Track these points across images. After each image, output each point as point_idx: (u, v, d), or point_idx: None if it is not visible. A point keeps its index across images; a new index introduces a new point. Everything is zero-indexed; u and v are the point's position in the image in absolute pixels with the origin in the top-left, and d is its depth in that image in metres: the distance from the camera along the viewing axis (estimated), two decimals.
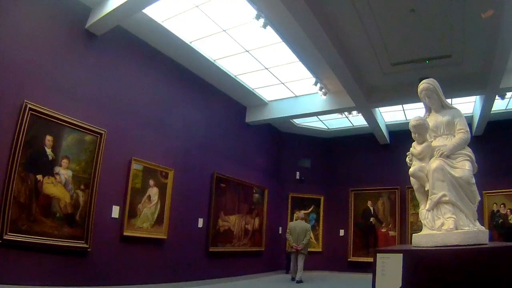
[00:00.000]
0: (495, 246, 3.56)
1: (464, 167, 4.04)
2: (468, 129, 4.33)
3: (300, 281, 9.44)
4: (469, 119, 11.23)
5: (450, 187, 3.88)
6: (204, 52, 8.34)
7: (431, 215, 3.98)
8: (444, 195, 3.86)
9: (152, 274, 7.27)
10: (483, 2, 6.39)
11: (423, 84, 4.44)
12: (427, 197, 4.08)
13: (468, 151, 4.25)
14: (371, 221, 12.25)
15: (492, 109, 10.04)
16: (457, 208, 3.90)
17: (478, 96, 10.07)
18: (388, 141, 12.36)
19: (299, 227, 9.94)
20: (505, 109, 10.86)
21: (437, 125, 4.40)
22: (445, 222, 3.84)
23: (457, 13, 6.74)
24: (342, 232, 12.48)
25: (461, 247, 3.51)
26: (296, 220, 10.40)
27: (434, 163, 3.94)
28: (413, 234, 4.22)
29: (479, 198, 4.18)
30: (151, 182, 7.41)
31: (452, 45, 7.69)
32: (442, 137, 4.35)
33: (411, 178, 4.23)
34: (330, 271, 11.98)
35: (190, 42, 7.99)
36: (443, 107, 4.51)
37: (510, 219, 10.97)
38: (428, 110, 4.62)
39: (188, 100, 8.81)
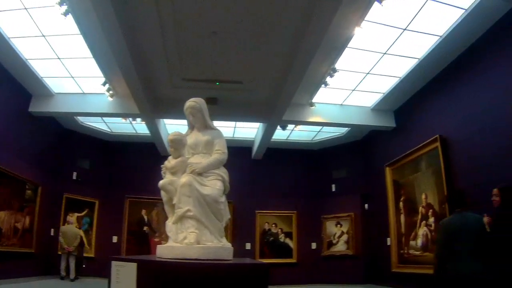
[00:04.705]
0: (231, 262, 3.77)
1: (214, 186, 4.21)
2: (226, 151, 4.55)
3: (73, 280, 10.17)
4: (251, 144, 12.34)
5: (196, 203, 3.99)
6: None
7: (175, 228, 4.07)
8: (188, 210, 3.95)
9: None
10: (277, 40, 7.14)
11: (189, 102, 4.59)
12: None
13: (223, 171, 4.46)
14: (145, 230, 12.34)
15: (273, 138, 11.25)
16: (201, 224, 4.03)
17: (261, 123, 11.15)
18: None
19: (71, 232, 10.53)
20: (286, 139, 12.33)
21: (196, 143, 4.56)
22: (187, 236, 3.94)
23: (254, 45, 7.35)
24: (115, 239, 12.18)
25: (197, 261, 3.62)
26: (67, 224, 10.68)
27: (184, 178, 4.02)
28: (158, 245, 4.26)
29: (229, 216, 4.45)
30: None
31: (245, 72, 8.32)
32: (200, 155, 4.49)
33: (161, 190, 4.28)
34: (103, 278, 11.44)
35: None
36: (206, 127, 4.70)
37: (281, 238, 12.37)
38: (191, 127, 4.81)
39: None
